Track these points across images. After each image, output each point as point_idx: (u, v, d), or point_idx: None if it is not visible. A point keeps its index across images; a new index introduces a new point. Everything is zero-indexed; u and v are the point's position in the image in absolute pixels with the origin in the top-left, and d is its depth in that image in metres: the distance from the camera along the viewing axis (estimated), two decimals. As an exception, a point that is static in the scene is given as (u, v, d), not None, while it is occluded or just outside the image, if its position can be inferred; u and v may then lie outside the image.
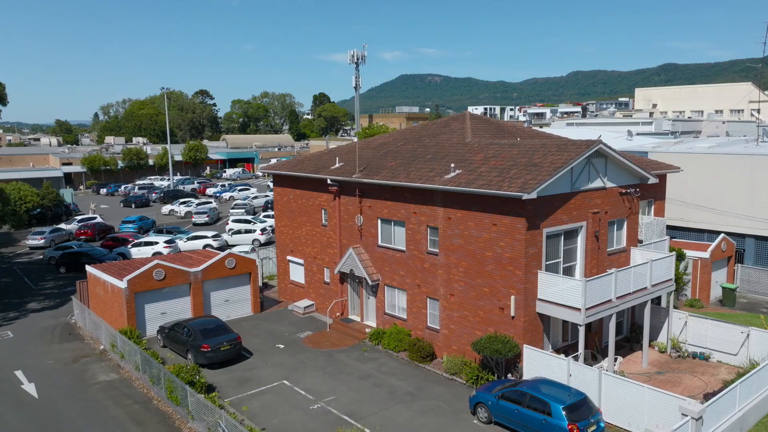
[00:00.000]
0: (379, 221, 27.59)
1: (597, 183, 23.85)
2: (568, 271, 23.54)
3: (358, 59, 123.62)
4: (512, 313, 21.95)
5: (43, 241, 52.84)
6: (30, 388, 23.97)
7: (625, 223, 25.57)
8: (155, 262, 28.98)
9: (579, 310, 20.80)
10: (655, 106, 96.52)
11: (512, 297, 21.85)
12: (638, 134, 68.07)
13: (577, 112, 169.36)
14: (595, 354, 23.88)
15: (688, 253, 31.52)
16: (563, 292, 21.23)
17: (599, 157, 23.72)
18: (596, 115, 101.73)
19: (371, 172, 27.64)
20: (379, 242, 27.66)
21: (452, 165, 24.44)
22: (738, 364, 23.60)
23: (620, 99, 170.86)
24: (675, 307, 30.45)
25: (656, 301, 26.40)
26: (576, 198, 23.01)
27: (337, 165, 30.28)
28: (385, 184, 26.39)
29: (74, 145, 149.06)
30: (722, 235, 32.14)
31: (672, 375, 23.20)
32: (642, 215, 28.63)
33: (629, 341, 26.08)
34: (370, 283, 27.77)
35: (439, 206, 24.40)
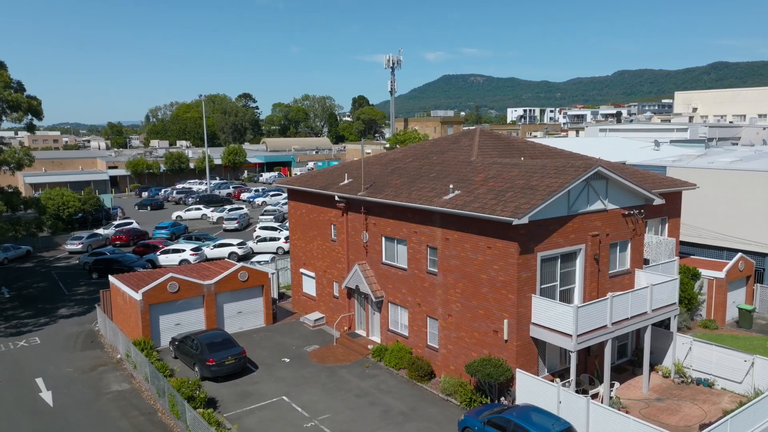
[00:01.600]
0: (383, 239, 27.96)
1: (597, 205, 23.60)
2: (566, 295, 23.39)
3: (393, 64, 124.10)
4: (505, 337, 21.99)
5: (80, 245, 55.14)
6: (47, 396, 25.29)
7: (629, 245, 25.19)
8: (169, 275, 30.08)
9: (570, 336, 20.70)
10: (695, 109, 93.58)
11: (505, 321, 21.89)
12: (673, 141, 66.48)
13: (620, 113, 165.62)
14: (593, 378, 23.64)
15: (704, 272, 30.75)
16: (555, 317, 21.15)
17: (599, 179, 23.47)
18: (631, 121, 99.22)
19: (376, 190, 28.02)
20: (383, 259, 28.03)
21: (451, 186, 24.59)
22: (743, 392, 22.99)
23: (664, 100, 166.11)
24: (688, 328, 29.89)
25: (666, 322, 25.90)
26: (574, 221, 22.85)
27: (345, 182, 30.79)
28: (387, 203, 26.74)
29: (121, 149, 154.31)
30: (739, 254, 31.22)
31: (672, 402, 22.78)
32: (651, 235, 28.15)
33: (633, 364, 25.67)
34: (373, 299, 28.17)
35: (438, 227, 24.60)
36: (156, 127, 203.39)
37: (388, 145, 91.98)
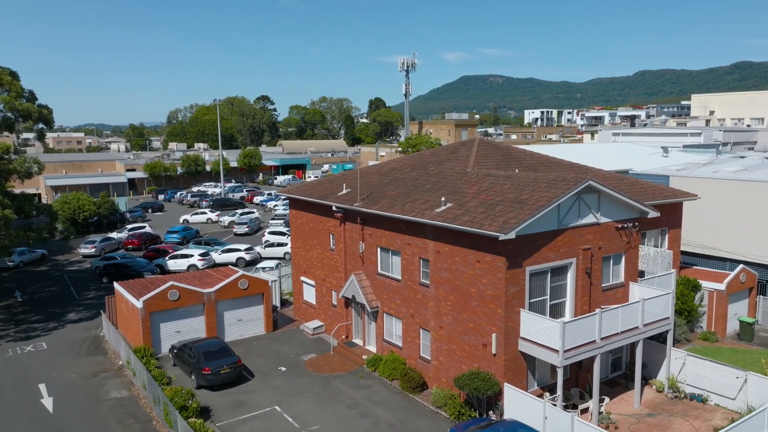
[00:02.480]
0: (378, 249, 28.14)
1: (589, 219, 23.52)
2: (557, 308, 23.35)
3: (408, 67, 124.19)
4: (494, 351, 22.03)
5: (94, 249, 56.13)
6: (48, 402, 25.90)
7: (623, 258, 25.03)
8: (170, 283, 30.58)
9: (557, 351, 20.68)
10: (712, 112, 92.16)
11: (493, 335, 21.93)
12: (686, 145, 65.64)
13: (637, 115, 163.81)
14: (584, 393, 23.55)
15: (704, 283, 30.42)
16: (543, 332, 21.14)
17: (591, 193, 23.38)
18: (645, 125, 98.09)
19: (371, 201, 28.22)
20: (379, 270, 28.20)
21: (443, 199, 24.69)
22: (736, 409, 22.73)
23: (683, 102, 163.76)
24: (687, 340, 29.62)
25: (664, 335, 25.64)
26: (564, 235, 22.80)
27: (344, 192, 31.03)
28: (381, 215, 26.93)
29: (139, 152, 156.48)
30: (741, 266, 30.81)
31: (662, 418, 22.62)
32: (648, 247, 27.94)
33: (627, 378, 25.51)
34: (369, 309, 28.37)
35: (430, 239, 24.72)
36: (175, 129, 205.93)
37: (400, 149, 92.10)
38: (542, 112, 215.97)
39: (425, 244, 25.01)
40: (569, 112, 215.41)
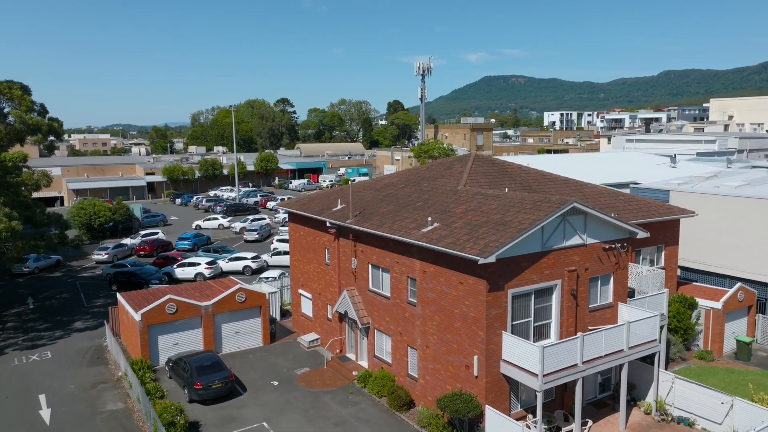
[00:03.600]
0: (369, 266, 28.36)
1: (575, 240, 23.44)
2: (542, 330, 23.33)
3: (424, 71, 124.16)
4: (475, 373, 22.11)
5: (107, 256, 57.21)
6: (46, 414, 26.60)
7: (612, 279, 24.89)
8: (168, 296, 31.17)
9: (536, 375, 20.68)
10: (731, 117, 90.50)
11: (475, 357, 22.01)
12: (700, 153, 64.70)
13: (658, 118, 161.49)
14: (568, 415, 23.48)
15: (701, 301, 30.05)
16: (522, 356, 21.16)
17: (577, 215, 23.30)
18: (661, 130, 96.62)
19: (363, 218, 28.45)
20: (370, 286, 28.43)
21: (429, 219, 24.82)
22: (723, 434, 22.48)
23: (705, 105, 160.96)
24: (683, 359, 29.33)
25: (652, 357, 25.42)
26: (549, 257, 22.77)
27: (338, 207, 31.31)
28: (371, 233, 27.14)
29: (159, 155, 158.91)
30: (739, 284, 30.35)
31: (647, 442, 22.47)
32: (639, 265, 27.73)
33: (614, 399, 25.34)
34: (360, 325, 28.60)
35: (417, 259, 24.86)
36: (196, 132, 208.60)
37: (411, 154, 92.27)
38: (562, 115, 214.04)
39: (412, 263, 25.17)
40: (589, 114, 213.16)
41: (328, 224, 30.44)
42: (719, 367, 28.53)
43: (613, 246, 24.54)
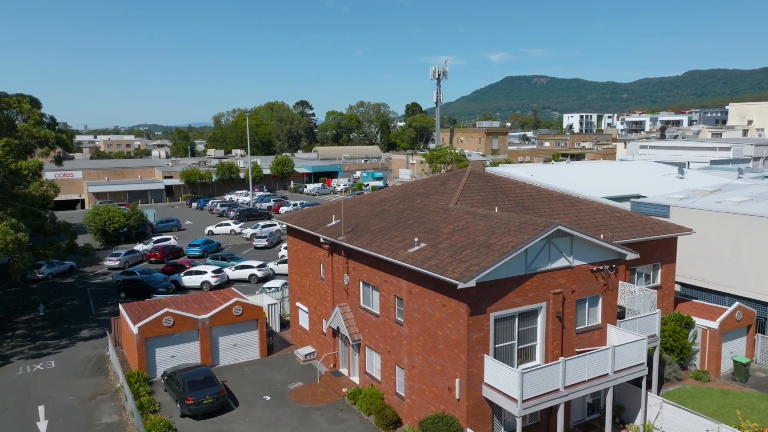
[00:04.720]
0: (360, 283, 28.50)
1: (561, 262, 23.29)
2: (527, 352, 23.22)
3: (439, 75, 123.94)
4: (457, 396, 22.10)
5: (118, 262, 58.16)
6: (43, 426, 27.21)
7: (600, 300, 24.67)
8: (165, 310, 31.66)
9: (516, 401, 20.61)
10: (750, 122, 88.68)
11: (457, 380, 22.01)
12: (713, 161, 63.61)
13: (680, 120, 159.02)
14: (553, 438, 23.35)
15: (698, 320, 29.59)
16: (502, 380, 21.10)
17: (563, 237, 23.14)
18: (676, 136, 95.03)
19: (355, 236, 28.59)
20: (361, 303, 28.57)
21: (416, 239, 24.86)
22: (710, 461, 22.15)
23: (727, 107, 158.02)
24: (678, 379, 28.96)
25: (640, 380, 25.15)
26: (533, 279, 22.66)
27: (332, 223, 31.49)
28: (360, 251, 27.26)
29: (177, 158, 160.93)
30: (737, 303, 29.82)
31: (631, 468, 22.24)
32: (630, 285, 27.42)
33: (602, 422, 25.10)
34: (351, 342, 28.75)
35: (403, 279, 24.93)
36: (216, 135, 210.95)
37: (423, 160, 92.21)
38: (581, 117, 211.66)
39: (399, 282, 25.25)
40: (609, 116, 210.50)
41: (321, 240, 30.65)
42: (715, 389, 28.09)
43: (601, 267, 24.32)
